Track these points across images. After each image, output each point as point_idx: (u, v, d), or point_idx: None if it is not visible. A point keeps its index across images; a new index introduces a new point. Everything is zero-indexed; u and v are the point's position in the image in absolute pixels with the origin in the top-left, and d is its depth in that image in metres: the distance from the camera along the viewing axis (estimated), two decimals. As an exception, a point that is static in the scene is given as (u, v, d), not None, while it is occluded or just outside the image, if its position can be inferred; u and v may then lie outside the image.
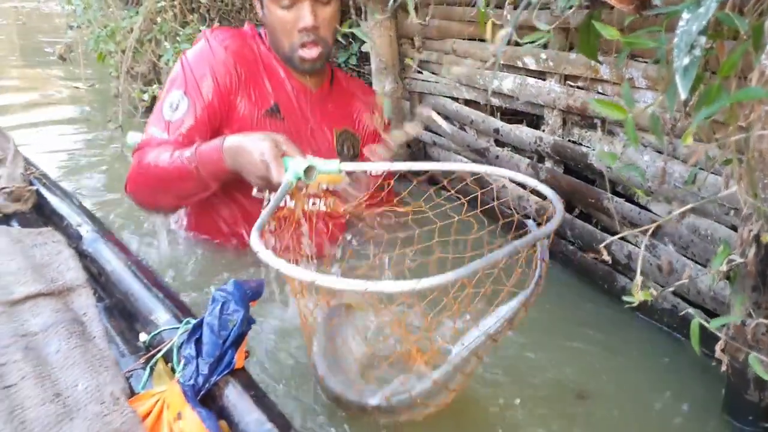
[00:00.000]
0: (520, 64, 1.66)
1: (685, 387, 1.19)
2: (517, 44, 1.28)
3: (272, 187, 1.26)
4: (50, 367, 0.81)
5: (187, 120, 1.40)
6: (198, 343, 0.80)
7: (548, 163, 1.65)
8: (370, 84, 2.23)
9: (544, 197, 1.67)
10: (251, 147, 1.23)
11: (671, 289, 1.03)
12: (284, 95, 1.54)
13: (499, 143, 1.84)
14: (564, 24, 1.45)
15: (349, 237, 1.61)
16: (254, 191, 1.50)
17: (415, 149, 2.30)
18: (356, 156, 1.64)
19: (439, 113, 1.98)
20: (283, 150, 1.23)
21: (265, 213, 0.96)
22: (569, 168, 1.59)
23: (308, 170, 1.18)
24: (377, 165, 1.36)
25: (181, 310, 0.95)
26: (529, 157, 1.72)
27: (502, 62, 1.73)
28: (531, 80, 1.64)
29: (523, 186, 1.20)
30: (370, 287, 0.71)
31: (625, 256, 1.43)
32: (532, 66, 1.63)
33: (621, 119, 0.80)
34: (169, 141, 1.38)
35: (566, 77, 1.54)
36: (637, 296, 0.75)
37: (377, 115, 1.68)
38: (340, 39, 2.33)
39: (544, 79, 1.61)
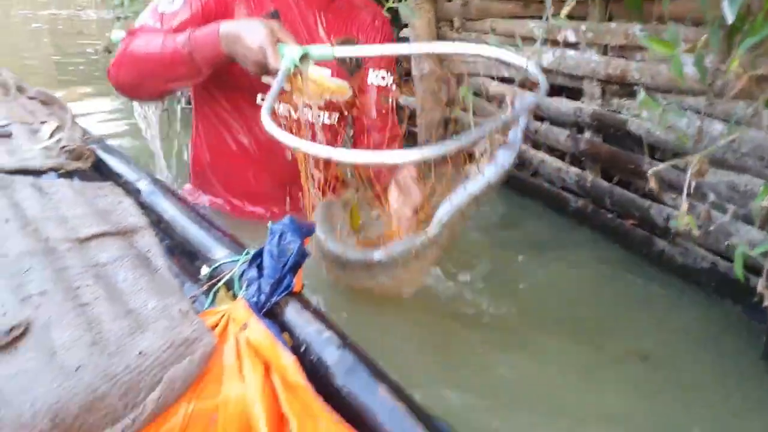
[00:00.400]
0: (559, 38, 1.69)
1: (729, 343, 1.22)
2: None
3: (269, 73, 1.27)
4: (120, 292, 0.85)
5: (182, 14, 1.41)
6: (259, 267, 0.85)
7: (587, 134, 1.67)
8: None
9: (583, 167, 1.70)
10: (248, 32, 1.25)
11: (714, 226, 1.05)
12: (284, 2, 1.53)
13: (536, 118, 1.86)
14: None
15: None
16: (258, 98, 1.53)
17: (453, 130, 2.34)
18: (359, 65, 1.62)
19: (477, 93, 2.02)
20: (279, 37, 1.25)
21: (269, 96, 1.02)
22: (608, 137, 1.61)
23: (303, 58, 1.22)
24: (370, 49, 1.39)
25: (236, 246, 0.99)
26: (568, 129, 1.75)
27: (542, 37, 1.76)
28: (571, 52, 1.66)
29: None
30: (377, 158, 0.88)
31: (663, 220, 1.44)
32: (572, 39, 1.65)
33: (666, 56, 0.83)
34: (160, 30, 1.40)
35: (605, 48, 1.57)
36: (682, 221, 0.78)
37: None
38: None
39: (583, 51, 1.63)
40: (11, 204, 1.09)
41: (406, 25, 2.15)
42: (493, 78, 2.07)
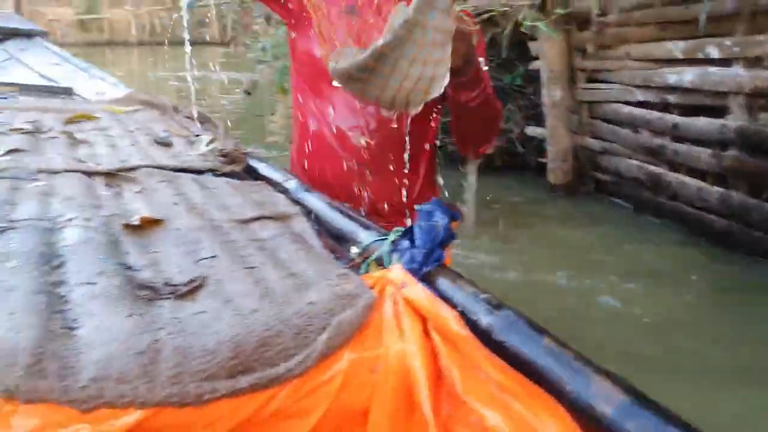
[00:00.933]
0: (700, 56, 1.65)
1: None
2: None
3: None
4: (281, 261, 0.91)
5: None
6: (410, 241, 0.88)
7: (732, 150, 1.61)
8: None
9: (727, 186, 1.62)
10: None
11: None
12: None
13: (676, 139, 1.81)
14: (753, 6, 1.45)
15: None
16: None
17: (582, 157, 2.31)
18: None
19: (609, 121, 1.99)
20: None
21: None
22: (756, 153, 1.55)
23: None
24: None
25: (377, 230, 1.03)
26: (710, 148, 1.69)
27: (681, 56, 1.72)
28: (713, 69, 1.62)
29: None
30: None
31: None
32: (715, 55, 1.61)
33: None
34: None
35: (751, 61, 1.52)
36: None
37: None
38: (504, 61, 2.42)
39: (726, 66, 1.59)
40: (177, 193, 1.19)
41: (536, 57, 2.17)
42: (626, 103, 2.04)
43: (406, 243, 0.87)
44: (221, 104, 5.84)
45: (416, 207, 0.94)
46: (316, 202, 1.22)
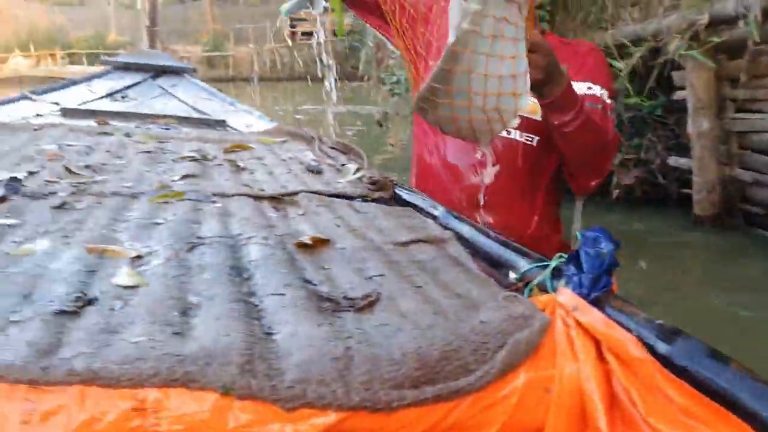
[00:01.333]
0: None
1: None
2: None
3: None
4: (444, 282, 0.95)
5: None
6: (576, 267, 0.89)
7: None
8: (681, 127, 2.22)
9: None
10: None
11: None
12: None
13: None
14: None
15: None
16: None
17: (731, 188, 2.22)
18: None
19: (761, 151, 1.91)
20: None
21: None
22: None
23: None
24: None
25: (533, 256, 1.05)
26: None
27: None
28: None
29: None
30: None
31: None
32: None
33: None
34: None
35: None
36: None
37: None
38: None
39: None
40: (336, 216, 1.26)
41: (680, 87, 2.12)
42: (777, 134, 1.95)
43: (571, 269, 0.89)
44: (346, 134, 6.08)
45: (581, 233, 0.95)
46: (466, 228, 1.26)
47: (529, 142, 1.58)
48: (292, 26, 23.61)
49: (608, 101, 1.54)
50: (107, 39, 30.37)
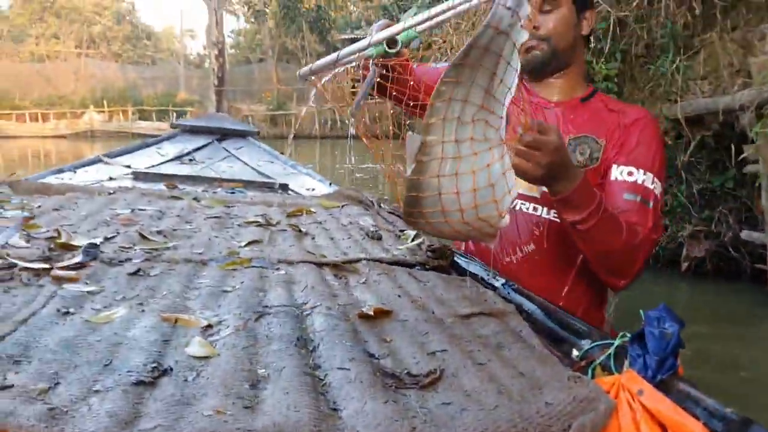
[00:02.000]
0: None
1: None
2: None
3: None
4: (507, 359, 0.95)
5: None
6: (641, 347, 0.88)
7: None
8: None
9: None
10: None
11: None
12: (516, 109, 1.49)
13: None
14: None
15: None
16: None
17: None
18: (595, 160, 1.50)
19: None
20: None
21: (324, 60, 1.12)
22: None
23: (391, 43, 1.19)
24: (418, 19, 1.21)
25: (597, 332, 1.04)
26: None
27: None
28: None
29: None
30: None
31: None
32: None
33: None
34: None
35: None
36: None
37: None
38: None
39: None
40: (397, 285, 1.28)
41: (755, 161, 2.08)
42: None
43: (636, 349, 0.88)
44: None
45: (646, 312, 0.95)
46: (527, 301, 1.26)
47: (558, 220, 1.49)
48: (353, 87, 24.33)
49: (652, 187, 1.43)
50: (176, 97, 31.86)
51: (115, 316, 0.97)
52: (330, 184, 2.75)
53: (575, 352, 1.03)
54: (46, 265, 1.14)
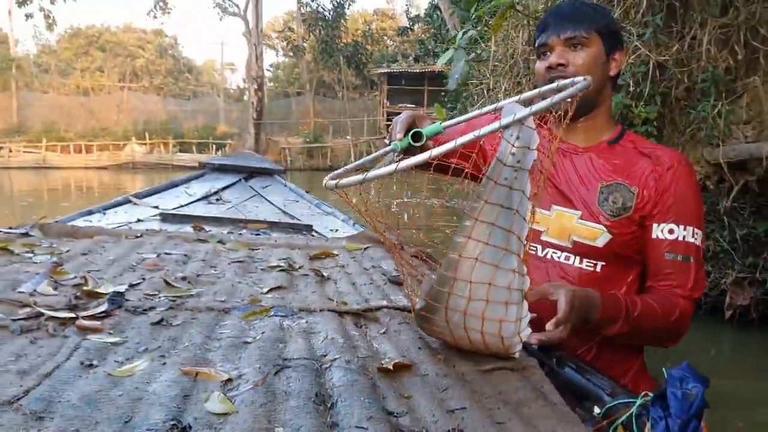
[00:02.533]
0: None
1: None
2: None
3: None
4: (527, 416, 0.94)
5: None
6: (662, 408, 0.87)
7: None
8: None
9: None
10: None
11: None
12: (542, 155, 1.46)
13: None
14: None
15: None
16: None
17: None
18: (628, 209, 1.46)
19: None
20: (416, 123, 1.37)
21: (352, 165, 1.15)
22: None
23: (416, 136, 1.31)
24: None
25: (621, 391, 1.03)
26: None
27: None
28: None
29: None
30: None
31: None
32: None
33: None
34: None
35: None
36: None
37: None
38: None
39: None
40: (417, 336, 1.28)
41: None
42: None
43: (658, 411, 0.87)
44: (445, 232, 6.13)
45: (669, 370, 0.93)
46: (548, 355, 1.25)
47: (590, 269, 1.48)
48: (388, 120, 24.76)
49: (693, 240, 1.42)
50: (216, 129, 32.44)
51: (137, 369, 0.98)
52: (354, 224, 2.76)
53: (596, 410, 1.01)
54: (72, 315, 1.16)
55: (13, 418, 0.79)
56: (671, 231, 1.42)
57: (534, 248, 1.51)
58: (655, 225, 1.44)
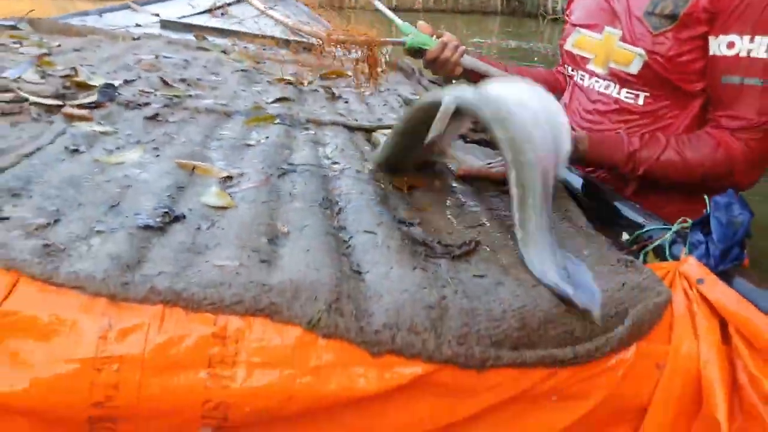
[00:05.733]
0: None
1: None
2: None
3: None
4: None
5: None
6: (705, 233, 0.79)
7: None
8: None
9: None
10: None
11: None
12: None
13: None
14: None
15: None
16: None
17: None
18: (673, 18, 1.15)
19: None
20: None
21: None
22: None
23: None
24: None
25: (652, 217, 0.95)
26: None
27: None
28: None
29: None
30: None
31: None
32: None
33: None
34: None
35: None
36: None
37: None
38: None
39: None
40: (433, 154, 1.18)
41: None
42: None
43: (698, 235, 0.79)
44: None
45: (714, 198, 0.83)
46: (576, 179, 1.17)
47: (630, 101, 1.26)
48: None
49: (765, 56, 1.08)
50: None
51: (127, 159, 0.90)
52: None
53: (625, 236, 0.94)
54: (59, 102, 1.06)
55: (-14, 194, 0.72)
56: (730, 45, 1.11)
57: (582, 77, 1.37)
58: (711, 38, 1.13)
